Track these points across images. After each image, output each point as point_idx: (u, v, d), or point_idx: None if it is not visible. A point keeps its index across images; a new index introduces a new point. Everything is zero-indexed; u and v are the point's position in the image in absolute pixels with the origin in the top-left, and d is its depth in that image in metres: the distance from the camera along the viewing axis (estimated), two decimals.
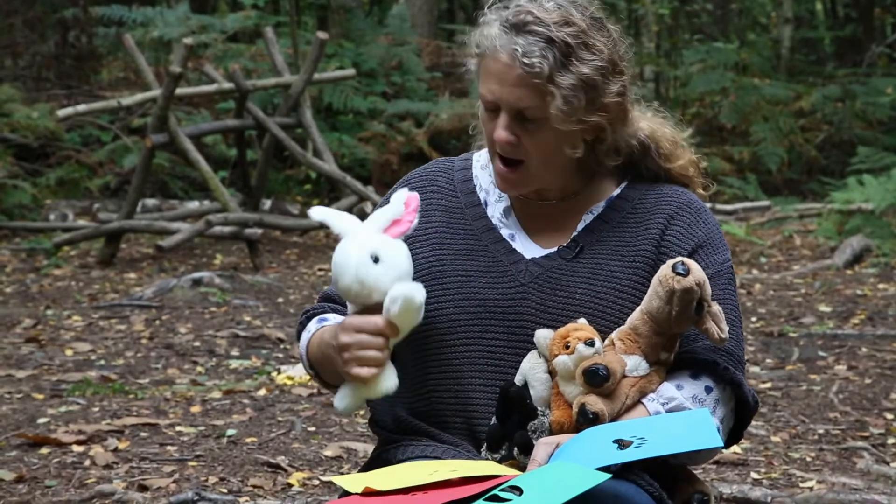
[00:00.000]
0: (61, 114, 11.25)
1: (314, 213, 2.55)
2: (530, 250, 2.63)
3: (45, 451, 4.95)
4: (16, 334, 7.29)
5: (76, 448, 4.96)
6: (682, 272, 2.41)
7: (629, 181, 2.68)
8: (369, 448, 4.79)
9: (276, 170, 13.27)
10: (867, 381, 6.10)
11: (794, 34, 16.89)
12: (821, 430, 5.30)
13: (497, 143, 2.55)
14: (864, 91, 14.46)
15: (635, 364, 2.47)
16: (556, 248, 2.62)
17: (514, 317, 2.56)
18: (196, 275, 8.83)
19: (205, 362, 6.63)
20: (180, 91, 10.69)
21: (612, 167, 2.66)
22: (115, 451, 4.95)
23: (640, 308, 2.48)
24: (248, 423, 5.40)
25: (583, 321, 2.51)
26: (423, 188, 2.72)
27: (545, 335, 2.49)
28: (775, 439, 5.16)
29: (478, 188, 2.71)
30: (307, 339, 2.65)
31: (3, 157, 12.09)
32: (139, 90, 12.56)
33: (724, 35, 17.92)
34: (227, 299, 8.29)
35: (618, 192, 2.67)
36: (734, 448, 4.89)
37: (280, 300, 8.44)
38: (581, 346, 2.43)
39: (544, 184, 2.62)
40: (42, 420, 5.38)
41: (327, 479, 4.63)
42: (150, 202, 12.10)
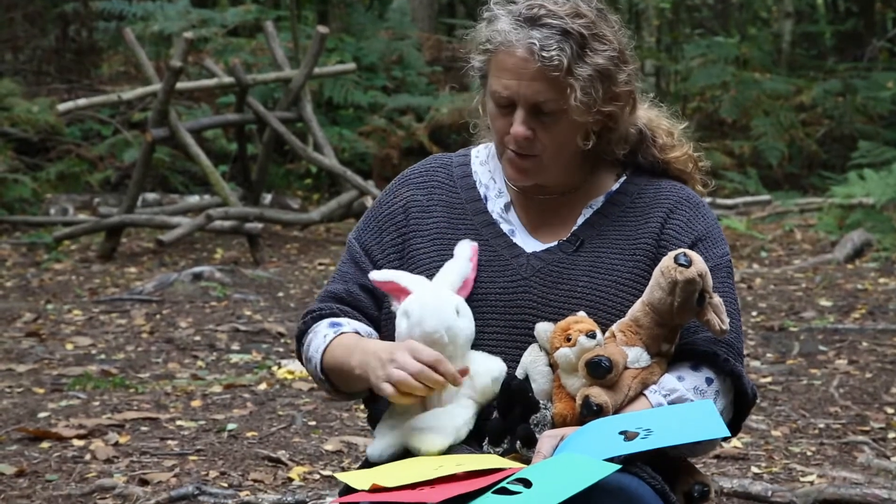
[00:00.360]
0: (62, 108, 11.25)
1: (376, 276, 2.55)
2: (531, 245, 2.63)
3: (45, 445, 4.94)
4: (16, 328, 7.29)
5: (77, 442, 4.96)
6: (685, 263, 2.42)
7: (628, 176, 2.68)
8: (370, 442, 4.79)
9: (276, 164, 13.26)
10: (868, 375, 6.10)
11: (795, 28, 16.87)
12: (821, 425, 5.30)
13: (514, 138, 2.54)
14: (864, 85, 14.45)
15: (637, 356, 2.47)
16: (557, 243, 2.62)
17: (516, 311, 2.56)
18: (196, 269, 8.82)
19: (205, 357, 6.63)
20: (181, 85, 10.69)
21: (613, 159, 2.67)
22: (116, 445, 4.95)
23: (641, 300, 2.48)
24: (248, 417, 5.40)
25: (582, 314, 2.51)
26: (423, 184, 2.72)
27: (545, 328, 2.49)
28: (776, 433, 5.16)
29: (477, 183, 2.71)
30: (323, 343, 2.59)
31: (4, 151, 12.09)
32: (140, 84, 12.54)
33: (724, 29, 17.91)
34: (227, 294, 8.29)
35: (617, 187, 2.67)
36: (734, 442, 4.89)
37: (280, 294, 8.44)
38: (583, 339, 2.44)
39: (554, 174, 2.61)
40: (43, 414, 5.38)
41: (328, 473, 4.63)
42: (151, 196, 12.10)
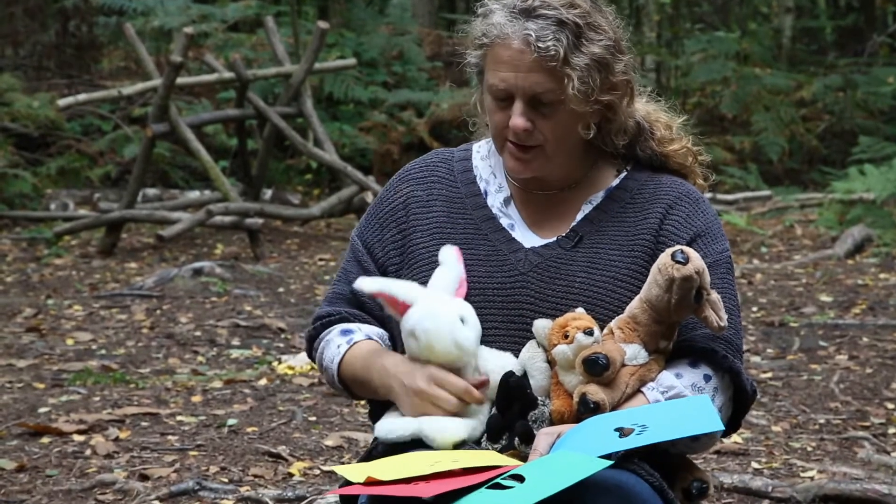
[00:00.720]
0: (62, 103, 11.24)
1: (363, 285, 2.52)
2: (530, 240, 2.63)
3: (45, 440, 4.95)
4: (16, 324, 7.29)
5: (77, 437, 4.96)
6: (682, 260, 2.42)
7: (628, 171, 2.68)
8: (370, 437, 4.78)
9: (276, 159, 13.26)
10: (868, 370, 6.10)
11: (796, 23, 16.86)
12: (822, 420, 5.30)
13: (513, 130, 2.54)
14: (865, 81, 14.44)
15: (634, 353, 2.47)
16: (556, 238, 2.62)
17: (514, 306, 2.56)
18: (197, 264, 8.83)
19: (205, 352, 6.63)
20: (181, 80, 10.68)
21: (613, 154, 2.67)
22: (116, 440, 4.95)
23: (639, 297, 2.48)
24: (248, 412, 5.40)
25: (581, 310, 2.51)
26: (424, 179, 2.72)
27: (543, 325, 2.49)
28: (776, 429, 5.16)
29: (478, 178, 2.71)
30: (338, 354, 2.61)
31: (4, 146, 12.08)
32: (140, 80, 12.55)
33: (725, 24, 17.88)
34: (227, 289, 8.29)
35: (616, 183, 2.67)
36: (735, 438, 4.89)
37: (281, 290, 8.44)
38: (580, 336, 2.43)
39: (556, 165, 2.61)
40: (43, 409, 5.38)
41: (328, 468, 4.62)
42: (151, 192, 12.09)
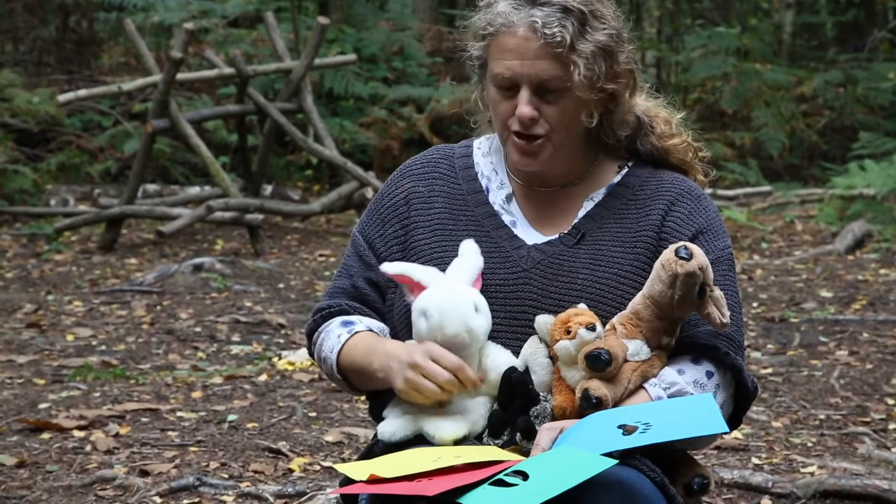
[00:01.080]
0: (62, 99, 11.24)
1: (386, 268, 2.53)
2: (532, 237, 2.63)
3: (46, 436, 4.95)
4: (17, 319, 7.29)
5: (77, 433, 4.96)
6: (685, 256, 2.41)
7: (630, 168, 2.68)
8: (370, 433, 4.79)
9: (276, 155, 13.25)
10: (868, 366, 6.10)
11: (796, 19, 16.85)
12: (822, 416, 5.29)
13: (519, 119, 2.54)
14: (865, 76, 14.44)
15: (637, 348, 2.47)
16: (558, 235, 2.62)
17: (516, 302, 2.56)
18: (197, 260, 8.83)
19: (206, 348, 6.63)
20: (181, 76, 10.67)
21: (614, 148, 2.67)
22: (116, 436, 4.95)
23: (641, 292, 2.48)
24: (249, 408, 5.40)
25: (583, 306, 2.50)
26: (425, 175, 2.72)
27: (545, 320, 2.49)
28: (776, 424, 5.16)
29: (479, 175, 2.71)
30: (338, 343, 2.60)
31: (4, 142, 12.08)
32: (140, 75, 12.53)
33: (725, 20, 17.87)
34: (227, 285, 8.29)
35: (618, 179, 2.67)
36: (735, 433, 4.89)
37: (281, 286, 8.44)
38: (582, 331, 2.43)
39: (562, 157, 2.60)
40: (43, 405, 5.38)
41: (328, 464, 4.63)
42: (151, 187, 12.09)
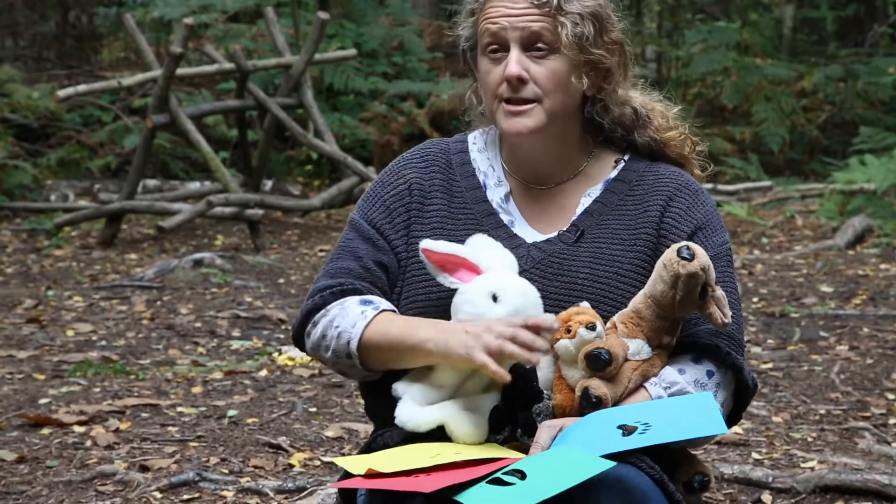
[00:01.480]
0: (62, 94, 11.23)
1: (432, 245, 2.50)
2: (531, 235, 2.62)
3: (46, 431, 4.94)
4: (17, 315, 7.29)
5: (77, 428, 4.96)
6: (688, 257, 2.41)
7: (626, 161, 2.68)
8: (370, 429, 4.78)
9: (277, 150, 13.25)
10: (868, 361, 6.10)
11: (797, 14, 16.83)
12: (822, 411, 5.29)
13: (507, 79, 2.55)
14: (866, 71, 14.43)
15: (637, 348, 2.47)
16: (557, 233, 2.61)
17: None
18: (197, 255, 8.83)
19: (206, 343, 6.63)
20: (181, 71, 10.67)
21: (610, 141, 2.67)
22: (117, 431, 4.94)
23: (643, 292, 2.47)
24: (249, 403, 5.40)
25: (585, 304, 2.50)
26: (424, 168, 2.71)
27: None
28: (776, 420, 5.16)
29: (477, 171, 2.70)
30: (362, 318, 2.49)
31: (4, 137, 12.08)
32: (140, 70, 12.53)
33: (725, 15, 17.84)
34: (228, 280, 8.29)
35: (615, 174, 2.67)
36: (735, 428, 4.88)
37: (281, 281, 8.44)
38: (582, 330, 2.43)
39: (554, 135, 2.60)
40: (43, 400, 5.38)
41: (328, 459, 4.63)
42: (151, 183, 12.09)
